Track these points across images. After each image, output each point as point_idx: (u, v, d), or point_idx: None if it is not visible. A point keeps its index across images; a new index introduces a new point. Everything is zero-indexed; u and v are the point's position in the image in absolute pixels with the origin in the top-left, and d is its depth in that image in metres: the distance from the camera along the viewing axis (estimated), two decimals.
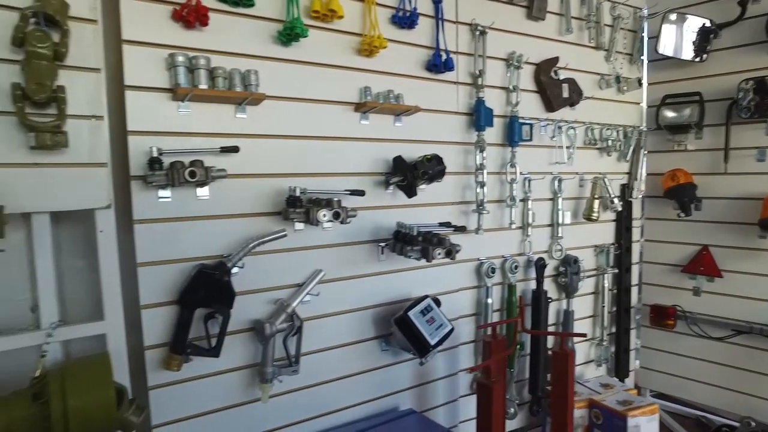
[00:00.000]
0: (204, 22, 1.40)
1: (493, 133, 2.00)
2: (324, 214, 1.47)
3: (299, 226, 1.59)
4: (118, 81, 1.35)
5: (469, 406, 2.02)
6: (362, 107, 1.68)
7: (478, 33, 1.94)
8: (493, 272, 2.02)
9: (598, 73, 2.34)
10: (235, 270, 1.46)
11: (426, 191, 1.83)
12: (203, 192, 1.44)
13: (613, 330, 2.51)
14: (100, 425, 1.18)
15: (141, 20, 1.35)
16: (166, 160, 1.34)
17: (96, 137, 1.28)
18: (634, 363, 2.63)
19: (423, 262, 1.64)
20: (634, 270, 2.56)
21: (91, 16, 1.28)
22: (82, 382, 1.16)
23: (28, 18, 1.14)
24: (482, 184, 1.93)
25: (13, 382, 1.34)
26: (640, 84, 2.44)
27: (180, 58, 1.37)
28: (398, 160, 1.72)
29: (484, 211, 1.92)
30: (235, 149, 1.44)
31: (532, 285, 2.16)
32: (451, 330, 1.74)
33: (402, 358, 1.85)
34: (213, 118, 1.45)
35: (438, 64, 1.82)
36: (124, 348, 1.36)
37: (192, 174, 1.34)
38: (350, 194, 1.60)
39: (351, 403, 1.75)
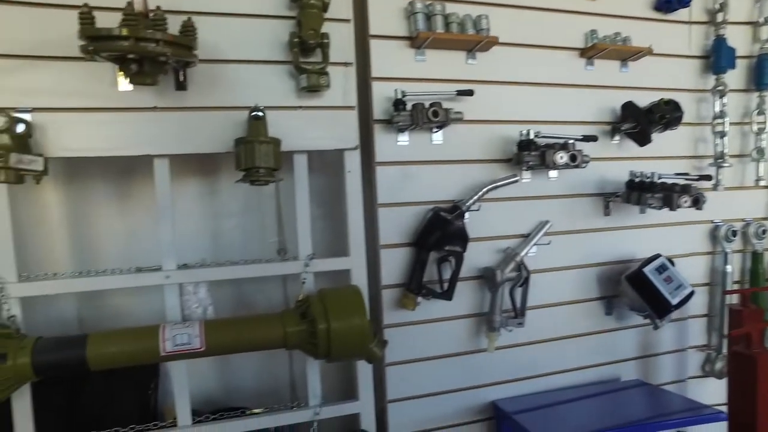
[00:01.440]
0: None
1: (733, 78, 1.75)
2: (561, 156, 1.40)
3: (526, 175, 1.54)
4: (362, 31, 1.43)
5: (701, 390, 1.79)
6: (589, 51, 1.58)
7: None
8: (734, 236, 1.76)
9: None
10: (467, 216, 1.45)
11: (652, 144, 1.66)
12: (437, 137, 1.47)
13: None
14: (353, 349, 1.25)
15: None
16: (407, 104, 1.39)
17: (347, 82, 1.36)
18: None
19: (650, 221, 1.50)
20: None
21: None
22: (341, 308, 1.23)
23: None
24: (722, 134, 1.69)
25: (263, 305, 1.52)
26: None
27: (419, 5, 1.40)
28: (630, 105, 1.58)
29: (725, 164, 1.69)
30: (470, 92, 1.43)
31: None
32: (692, 293, 1.55)
33: (626, 324, 1.70)
34: (446, 65, 1.47)
35: (671, 0, 1.65)
36: (365, 285, 1.42)
37: (435, 113, 1.36)
38: (582, 140, 1.51)
39: (572, 366, 1.65)
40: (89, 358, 1.11)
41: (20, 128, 1.10)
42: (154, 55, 1.03)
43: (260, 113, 1.21)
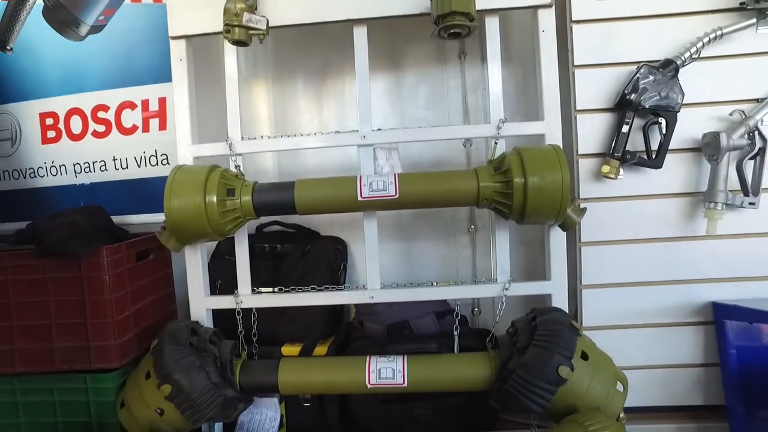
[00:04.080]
0: None
1: None
2: None
3: (764, 27, 1.28)
4: None
5: None
6: None
7: None
8: None
9: None
10: (682, 72, 1.26)
11: None
12: None
13: None
14: (550, 209, 1.15)
15: None
16: None
17: None
18: None
19: None
20: None
21: None
22: (539, 163, 1.15)
23: None
24: None
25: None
26: None
27: None
28: None
29: None
30: None
31: None
32: None
33: None
34: None
35: None
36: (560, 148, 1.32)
37: None
38: None
39: None
40: (297, 199, 1.20)
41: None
42: None
43: None
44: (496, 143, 1.27)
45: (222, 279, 1.47)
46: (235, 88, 1.32)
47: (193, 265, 1.34)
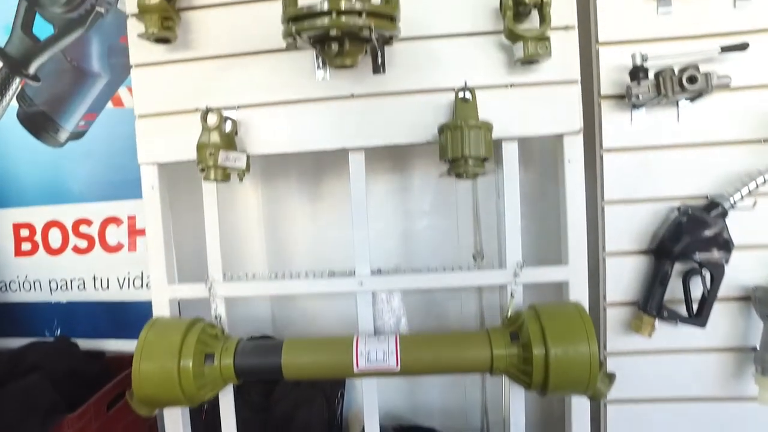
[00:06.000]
0: None
1: None
2: None
3: None
4: None
5: None
6: None
7: None
8: None
9: None
10: (730, 216, 1.09)
11: None
12: (688, 112, 1.12)
13: None
14: (576, 383, 0.99)
15: None
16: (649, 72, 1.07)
17: (568, 51, 1.10)
18: None
19: None
20: None
21: None
22: (563, 330, 0.99)
23: None
24: None
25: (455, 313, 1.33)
26: None
27: None
28: None
29: None
30: (742, 47, 1.06)
31: None
32: None
33: None
34: (702, 14, 1.11)
35: None
36: (586, 301, 1.15)
37: (691, 79, 1.02)
38: None
39: None
40: (284, 366, 1.05)
41: (228, 126, 1.09)
42: (358, 29, 0.90)
43: (468, 94, 1.03)
44: (512, 297, 1.11)
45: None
46: (215, 227, 1.17)
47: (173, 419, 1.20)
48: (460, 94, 1.04)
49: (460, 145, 0.99)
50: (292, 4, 0.93)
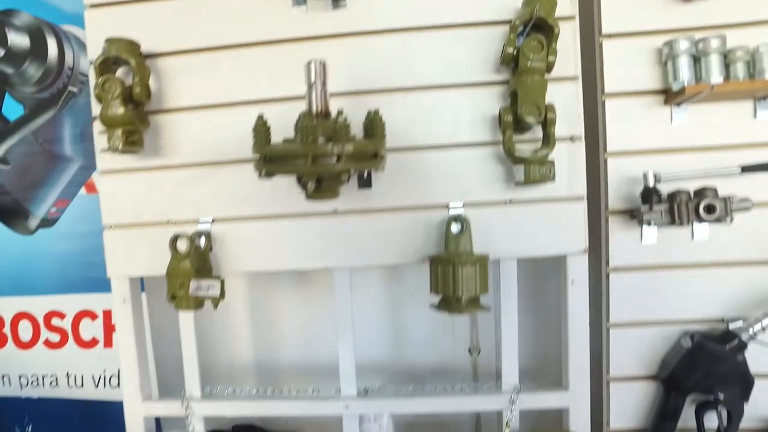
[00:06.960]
0: None
1: None
2: None
3: None
4: (589, 89, 1.06)
5: None
6: None
7: None
8: None
9: None
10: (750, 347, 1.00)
11: None
12: (701, 231, 1.02)
13: None
14: None
15: (627, 2, 1.02)
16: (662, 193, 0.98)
17: (574, 164, 1.00)
18: None
19: None
20: None
21: (570, 12, 1.00)
22: None
23: (517, 28, 0.92)
24: None
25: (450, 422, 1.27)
26: None
27: (683, 45, 0.97)
28: None
29: None
30: (765, 167, 0.96)
31: None
32: None
33: None
34: (718, 124, 1.01)
35: None
36: (588, 429, 1.07)
37: (709, 209, 0.93)
38: None
39: None
40: None
41: (202, 242, 1.01)
42: (335, 174, 0.81)
43: (461, 225, 0.93)
44: (507, 426, 1.03)
45: None
46: (192, 343, 1.09)
47: None
48: (453, 227, 0.95)
49: (452, 284, 0.90)
50: (264, 138, 0.83)
